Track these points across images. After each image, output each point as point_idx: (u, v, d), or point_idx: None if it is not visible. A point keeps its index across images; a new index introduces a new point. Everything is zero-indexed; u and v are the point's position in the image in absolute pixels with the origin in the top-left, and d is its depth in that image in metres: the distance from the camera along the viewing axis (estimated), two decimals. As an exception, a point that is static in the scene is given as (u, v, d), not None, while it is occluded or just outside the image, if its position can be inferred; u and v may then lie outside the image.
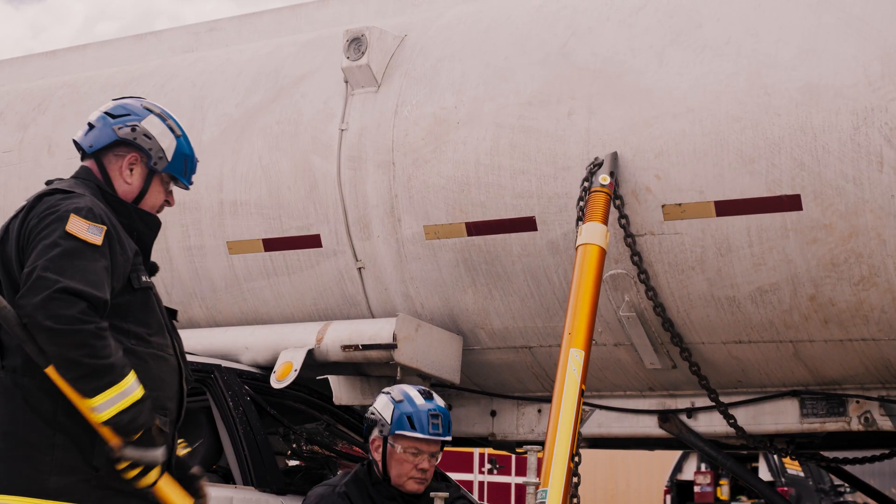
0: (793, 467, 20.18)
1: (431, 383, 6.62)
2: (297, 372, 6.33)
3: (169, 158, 4.35)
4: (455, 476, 17.26)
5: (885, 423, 6.12)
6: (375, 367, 6.51)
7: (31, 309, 3.84)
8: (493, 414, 6.94)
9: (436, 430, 5.30)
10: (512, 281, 6.22)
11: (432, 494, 5.19)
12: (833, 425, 6.22)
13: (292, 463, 6.96)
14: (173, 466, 4.23)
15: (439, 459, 5.40)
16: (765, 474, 21.33)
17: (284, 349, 6.51)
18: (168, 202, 4.41)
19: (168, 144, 4.36)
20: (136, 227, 4.27)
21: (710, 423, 6.44)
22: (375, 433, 5.37)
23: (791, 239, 5.63)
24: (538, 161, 6.00)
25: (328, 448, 6.97)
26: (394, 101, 6.41)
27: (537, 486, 5.08)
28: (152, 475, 4.02)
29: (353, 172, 6.44)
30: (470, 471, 17.26)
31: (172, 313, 4.39)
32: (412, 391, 5.41)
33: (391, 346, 6.24)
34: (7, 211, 7.36)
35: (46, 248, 3.93)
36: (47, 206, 4.06)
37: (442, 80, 6.34)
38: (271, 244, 6.70)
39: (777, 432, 6.39)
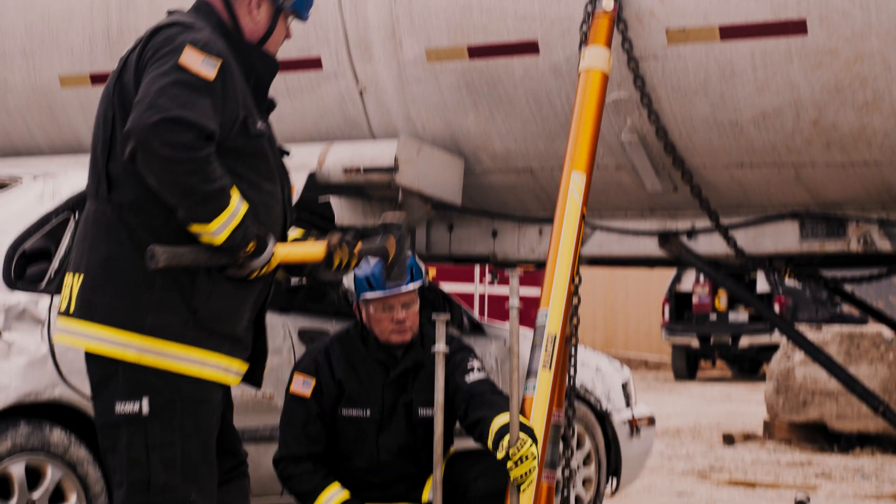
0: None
1: (433, 205, 6.65)
2: (298, 193, 6.34)
3: None
4: (456, 288, 17.40)
5: (884, 245, 6.16)
6: (377, 189, 6.51)
7: (144, 135, 3.76)
8: (495, 234, 6.98)
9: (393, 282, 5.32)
10: (514, 104, 6.19)
11: (434, 316, 5.25)
12: (832, 246, 6.26)
13: (294, 280, 7.02)
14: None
15: (416, 305, 5.41)
16: (763, 285, 21.57)
17: (286, 171, 6.50)
18: (288, 36, 4.31)
19: None
20: (255, 67, 4.17)
21: (710, 245, 6.48)
22: (354, 304, 5.45)
23: (795, 63, 5.59)
24: (541, -17, 5.91)
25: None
26: (394, -79, 6.29)
27: (519, 308, 5.14)
28: (272, 264, 4.06)
29: (354, -7, 6.36)
30: (471, 281, 17.42)
31: (283, 153, 4.32)
32: None
33: (393, 169, 6.24)
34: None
35: (158, 78, 3.85)
36: (165, 38, 3.96)
37: None
38: (272, 66, 6.63)
39: (776, 253, 6.43)
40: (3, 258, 5.42)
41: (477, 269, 17.08)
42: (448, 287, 15.84)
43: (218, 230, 3.89)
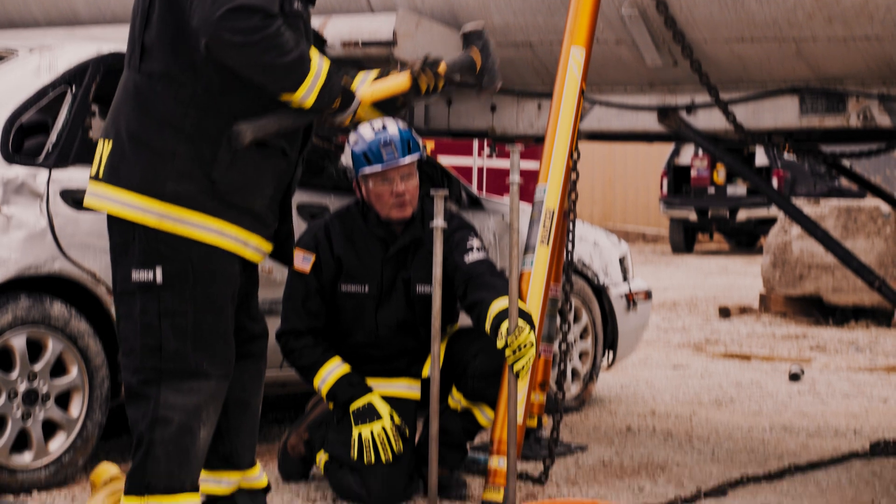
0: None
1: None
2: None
3: None
4: (454, 161, 17.36)
5: (883, 120, 6.14)
6: (375, 63, 6.47)
7: (212, 28, 3.90)
8: (493, 109, 6.96)
9: (390, 156, 5.27)
10: (513, -23, 6.13)
11: (432, 192, 5.25)
12: (832, 121, 6.25)
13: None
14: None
15: (415, 179, 5.39)
16: (761, 159, 21.54)
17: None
18: None
19: None
20: None
21: (709, 120, 6.46)
22: (354, 182, 5.42)
23: (798, -64, 5.53)
24: None
25: (327, 140, 7.01)
26: None
27: (520, 184, 5.14)
28: (360, 111, 4.30)
29: None
30: (469, 155, 17.38)
31: (321, 42, 4.44)
32: (364, 127, 5.33)
33: (391, 43, 6.20)
34: None
35: None
36: None
37: None
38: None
39: (776, 128, 6.41)
40: (1, 132, 5.41)
41: (476, 142, 17.03)
42: (446, 161, 15.82)
43: (305, 95, 4.09)
